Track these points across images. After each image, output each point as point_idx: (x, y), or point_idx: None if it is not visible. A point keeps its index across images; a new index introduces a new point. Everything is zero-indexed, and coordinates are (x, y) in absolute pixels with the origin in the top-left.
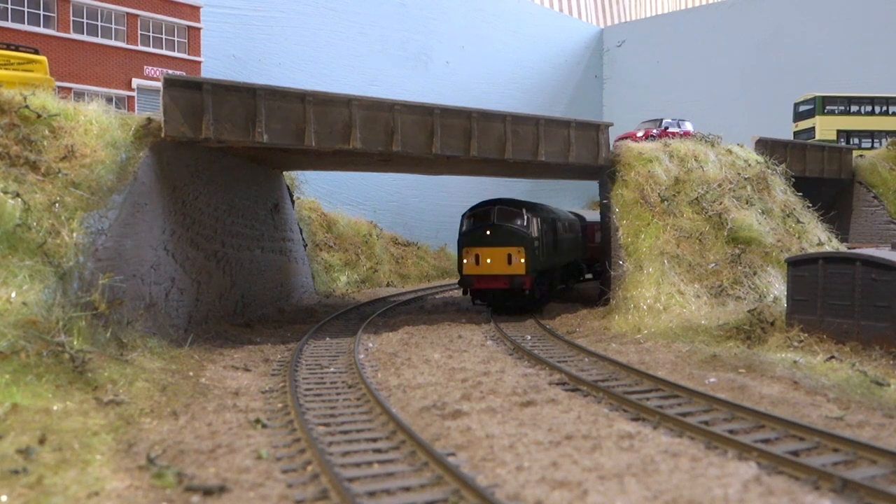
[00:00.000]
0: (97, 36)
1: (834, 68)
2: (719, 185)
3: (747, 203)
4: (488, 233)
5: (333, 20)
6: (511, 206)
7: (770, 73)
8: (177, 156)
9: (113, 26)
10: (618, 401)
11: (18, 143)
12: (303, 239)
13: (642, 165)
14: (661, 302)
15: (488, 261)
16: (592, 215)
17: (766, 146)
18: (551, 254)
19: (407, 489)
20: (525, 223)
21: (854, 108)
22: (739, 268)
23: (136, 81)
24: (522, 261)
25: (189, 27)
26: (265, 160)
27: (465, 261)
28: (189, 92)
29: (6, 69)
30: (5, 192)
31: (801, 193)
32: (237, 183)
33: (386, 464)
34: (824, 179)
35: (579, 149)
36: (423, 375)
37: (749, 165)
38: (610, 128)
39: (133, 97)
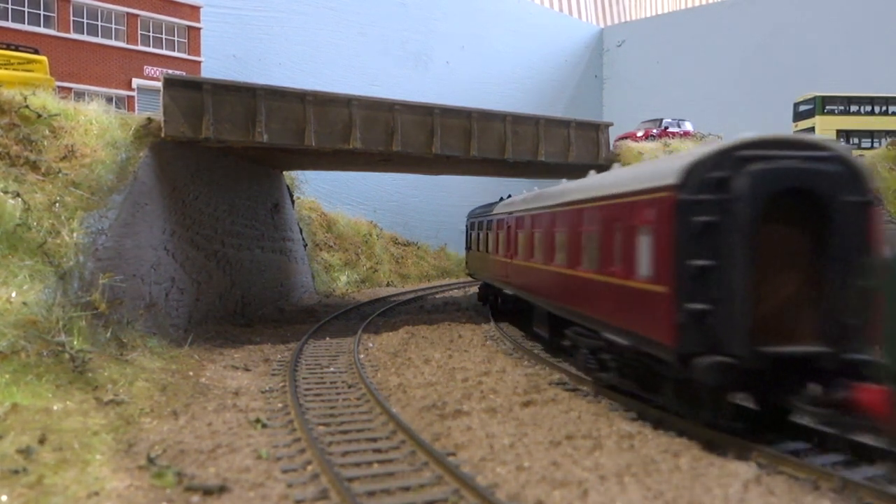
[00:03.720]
0: (97, 36)
1: (834, 68)
2: None
3: None
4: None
5: (333, 20)
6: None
7: (770, 73)
8: (177, 156)
9: (113, 26)
10: (618, 400)
11: (19, 142)
12: (303, 239)
13: None
14: None
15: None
16: None
17: None
18: None
19: (407, 489)
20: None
21: (854, 108)
22: None
23: (136, 81)
24: None
25: (189, 27)
26: (265, 160)
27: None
28: (189, 92)
29: (6, 69)
30: (5, 192)
31: None
32: (237, 183)
33: (386, 463)
34: None
35: (579, 149)
36: (424, 375)
37: None
38: (610, 128)
39: (133, 97)
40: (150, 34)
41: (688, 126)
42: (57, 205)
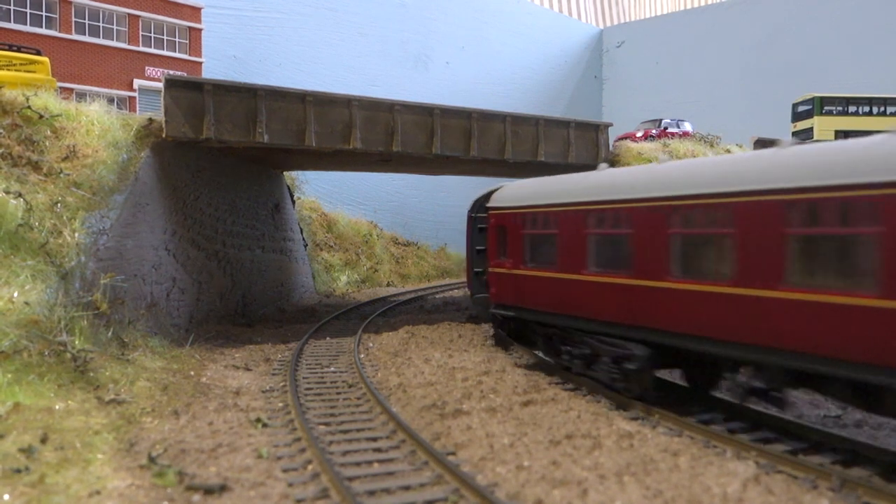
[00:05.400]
0: (99, 37)
1: (834, 68)
2: None
3: None
4: None
5: (333, 20)
6: None
7: (770, 73)
8: (178, 156)
9: (114, 27)
10: (617, 400)
11: (21, 143)
12: (303, 239)
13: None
14: None
15: None
16: None
17: (765, 146)
18: None
19: (407, 488)
20: None
21: (852, 109)
22: None
23: (137, 82)
24: None
25: (190, 28)
26: (266, 160)
27: None
28: (190, 92)
29: (9, 70)
30: (8, 193)
31: None
32: (238, 183)
33: (386, 463)
34: None
35: (579, 149)
36: (424, 375)
37: None
38: (609, 128)
39: (134, 98)
40: (152, 35)
41: (687, 126)
42: (59, 205)
